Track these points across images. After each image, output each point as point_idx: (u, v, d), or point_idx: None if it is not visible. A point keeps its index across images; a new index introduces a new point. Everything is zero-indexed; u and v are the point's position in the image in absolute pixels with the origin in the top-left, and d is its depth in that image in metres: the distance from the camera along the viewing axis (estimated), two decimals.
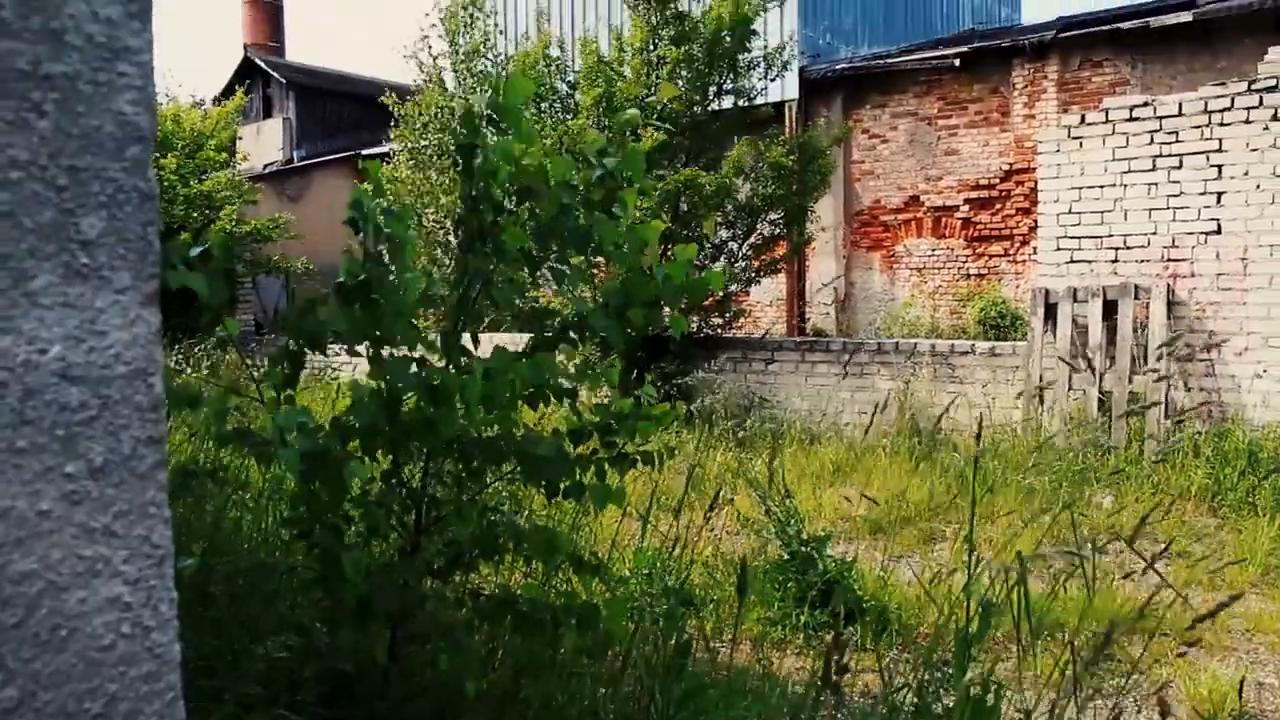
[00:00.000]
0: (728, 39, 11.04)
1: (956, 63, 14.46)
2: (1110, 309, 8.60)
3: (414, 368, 2.14)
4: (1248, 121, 8.16)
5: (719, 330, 11.87)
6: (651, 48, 10.93)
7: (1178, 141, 8.49)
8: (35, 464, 0.85)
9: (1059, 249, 9.11)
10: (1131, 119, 8.73)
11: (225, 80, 26.61)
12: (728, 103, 11.72)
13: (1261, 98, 8.09)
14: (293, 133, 25.47)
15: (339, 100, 26.28)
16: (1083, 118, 9.04)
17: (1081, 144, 8.96)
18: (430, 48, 12.53)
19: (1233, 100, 8.23)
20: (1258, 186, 8.11)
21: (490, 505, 2.46)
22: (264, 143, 25.32)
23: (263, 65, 26.18)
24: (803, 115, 15.53)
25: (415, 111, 12.42)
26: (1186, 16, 12.73)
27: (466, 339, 2.29)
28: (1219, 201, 8.30)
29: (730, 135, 11.61)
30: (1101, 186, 8.88)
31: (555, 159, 2.21)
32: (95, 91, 0.88)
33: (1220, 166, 8.29)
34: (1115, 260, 8.81)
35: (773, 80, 12.17)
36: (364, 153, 22.15)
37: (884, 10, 18.28)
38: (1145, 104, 8.71)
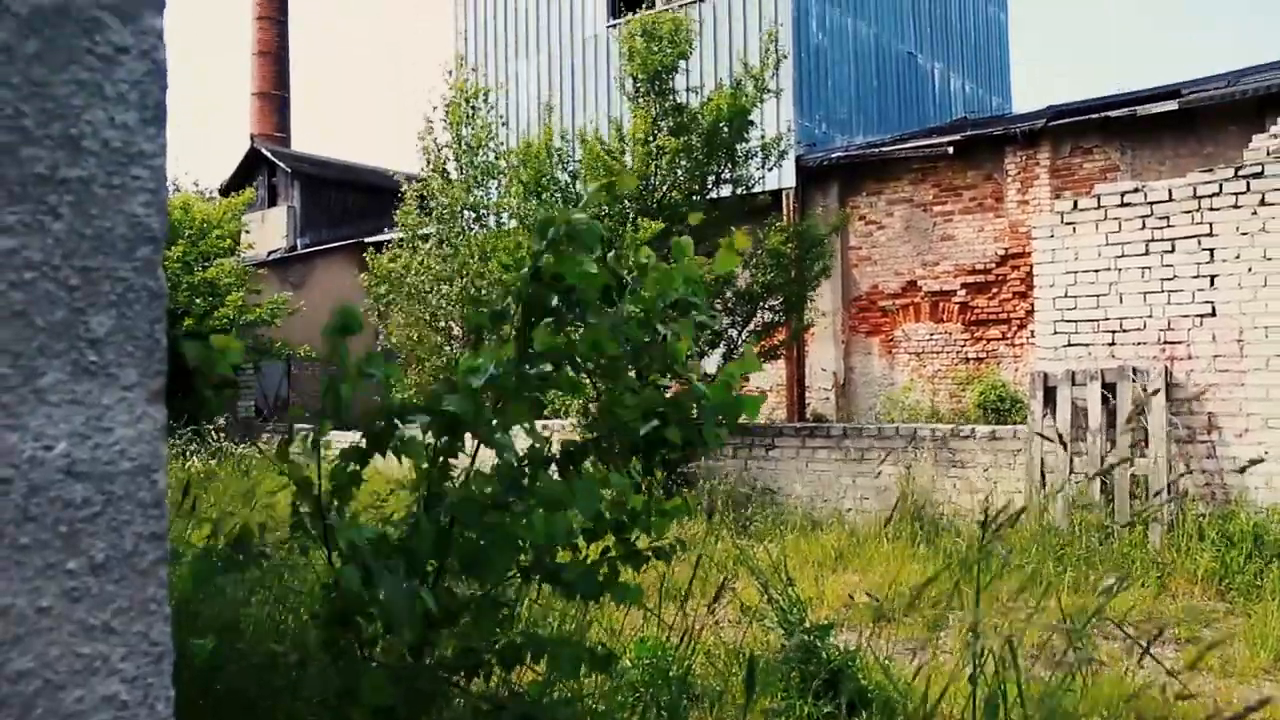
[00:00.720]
0: (725, 130, 11.28)
1: (950, 150, 14.74)
2: (1109, 392, 8.62)
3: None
4: (1236, 206, 8.28)
5: None
6: (652, 138, 11.16)
7: (1169, 226, 8.61)
8: (37, 560, 0.85)
9: (1056, 332, 9.17)
10: (1123, 204, 8.86)
11: (232, 168, 27.10)
12: (726, 191, 11.93)
13: (1248, 183, 8.22)
14: (297, 221, 25.83)
15: (343, 189, 26.71)
16: (1075, 203, 9.18)
17: (1075, 229, 9.08)
18: (435, 139, 12.79)
19: (1221, 186, 8.37)
20: (1250, 270, 8.20)
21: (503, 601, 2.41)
22: (268, 230, 25.66)
23: (269, 155, 26.68)
24: (800, 203, 15.78)
25: (422, 197, 12.65)
26: (1172, 105, 13.03)
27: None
28: (1212, 284, 8.38)
29: (729, 223, 11.78)
30: (1096, 270, 8.97)
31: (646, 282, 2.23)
32: (109, 194, 0.91)
33: (1212, 250, 8.38)
34: (1112, 343, 8.86)
35: (770, 170, 12.40)
36: (367, 240, 22.44)
37: (878, 100, 18.70)
38: (1136, 190, 8.85)
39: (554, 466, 2.22)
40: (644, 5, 15.64)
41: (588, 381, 2.37)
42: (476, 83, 12.71)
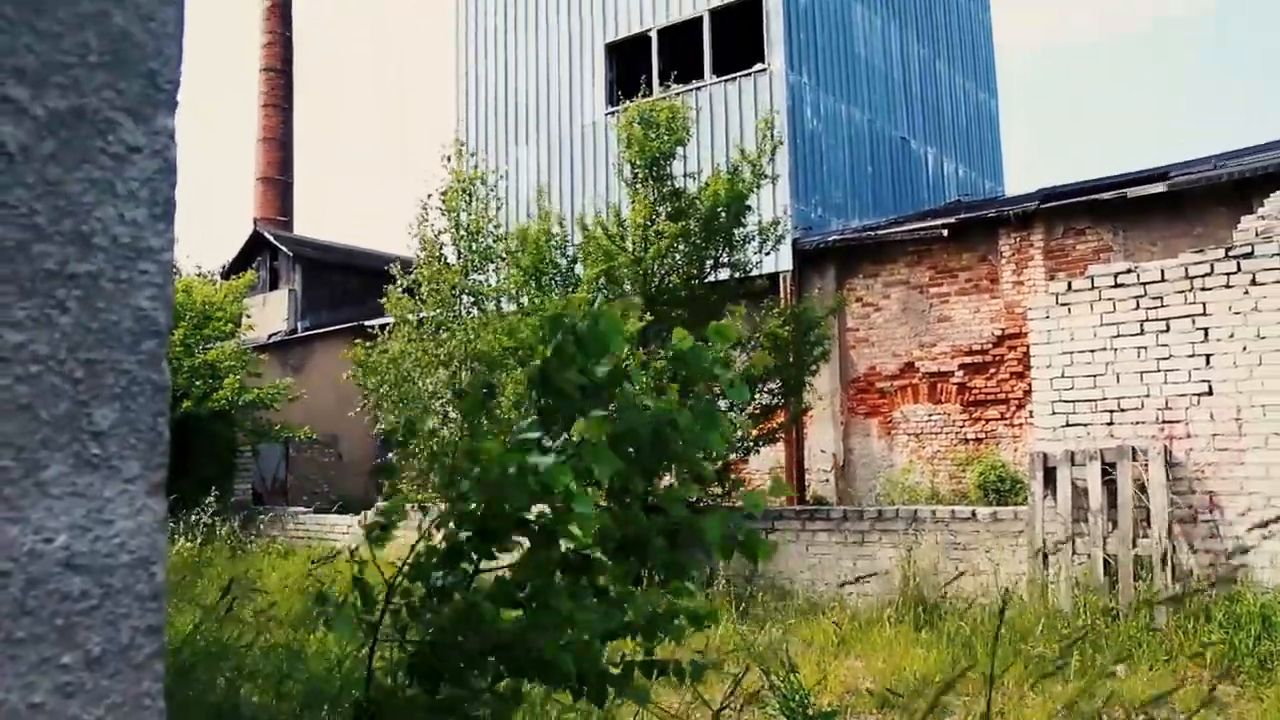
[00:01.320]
0: (723, 215, 11.44)
1: (945, 233, 14.93)
2: (1109, 472, 8.59)
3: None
4: (1228, 286, 8.36)
5: (718, 500, 11.81)
6: (651, 223, 11.31)
7: (1163, 306, 8.67)
8: (32, 655, 0.85)
9: (1054, 413, 9.17)
10: (1117, 285, 8.94)
11: (234, 251, 27.39)
12: (724, 274, 12.04)
13: (1239, 263, 8.31)
14: (298, 304, 26.00)
15: (344, 272, 26.95)
16: (1070, 285, 9.26)
17: (1070, 310, 9.15)
18: (431, 224, 12.95)
19: (1212, 266, 8.46)
20: (1244, 349, 8.24)
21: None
22: (269, 313, 25.82)
23: (271, 239, 26.98)
24: (797, 285, 15.91)
25: (417, 282, 12.74)
26: (1160, 187, 13.25)
27: None
28: (1208, 363, 8.41)
29: (727, 306, 11.89)
30: (1092, 351, 9.01)
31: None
32: (116, 289, 0.92)
33: (1206, 330, 8.44)
34: (1110, 423, 8.86)
35: (767, 254, 12.54)
36: (367, 323, 22.57)
37: (872, 184, 19.00)
38: (1129, 270, 8.94)
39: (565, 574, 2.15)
40: (641, 93, 15.99)
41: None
42: (476, 168, 12.91)
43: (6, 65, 0.88)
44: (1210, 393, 8.38)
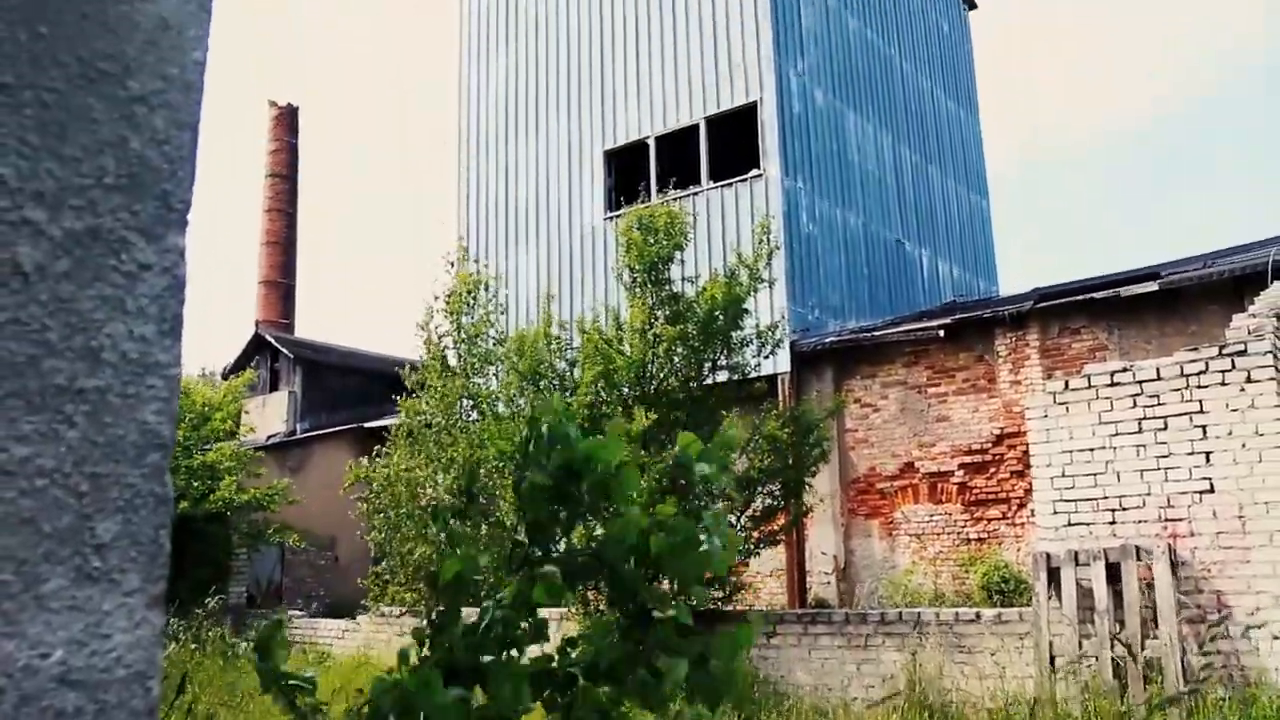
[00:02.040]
0: (721, 318, 11.54)
1: (941, 333, 15.04)
2: (1114, 571, 8.49)
3: None
4: (1224, 384, 8.40)
5: (719, 604, 11.65)
6: (649, 327, 11.40)
7: (1160, 404, 8.70)
8: None
9: (1056, 512, 9.11)
10: (1113, 384, 8.98)
11: (235, 352, 27.55)
12: (722, 377, 12.10)
13: (1233, 361, 8.37)
14: (297, 406, 26.04)
15: (344, 375, 27.05)
16: (1067, 384, 9.30)
17: (1068, 409, 9.17)
18: (435, 327, 13.06)
19: (1207, 364, 8.51)
20: (1243, 445, 8.23)
21: None
22: (268, 414, 25.83)
23: (272, 341, 27.17)
24: (795, 387, 15.96)
25: (421, 385, 12.79)
26: (1153, 286, 13.41)
27: None
28: (1208, 461, 8.39)
29: (725, 409, 11.91)
30: (1091, 449, 9.00)
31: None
32: (123, 403, 0.94)
33: (1204, 427, 8.44)
34: (1113, 521, 8.79)
35: (766, 357, 12.62)
36: (366, 425, 22.57)
37: (868, 286, 19.24)
38: (1125, 369, 8.99)
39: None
40: (640, 198, 16.30)
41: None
42: (478, 273, 13.09)
43: (28, 189, 0.91)
44: (1212, 490, 8.34)
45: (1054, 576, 8.78)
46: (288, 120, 36.80)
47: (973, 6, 26.85)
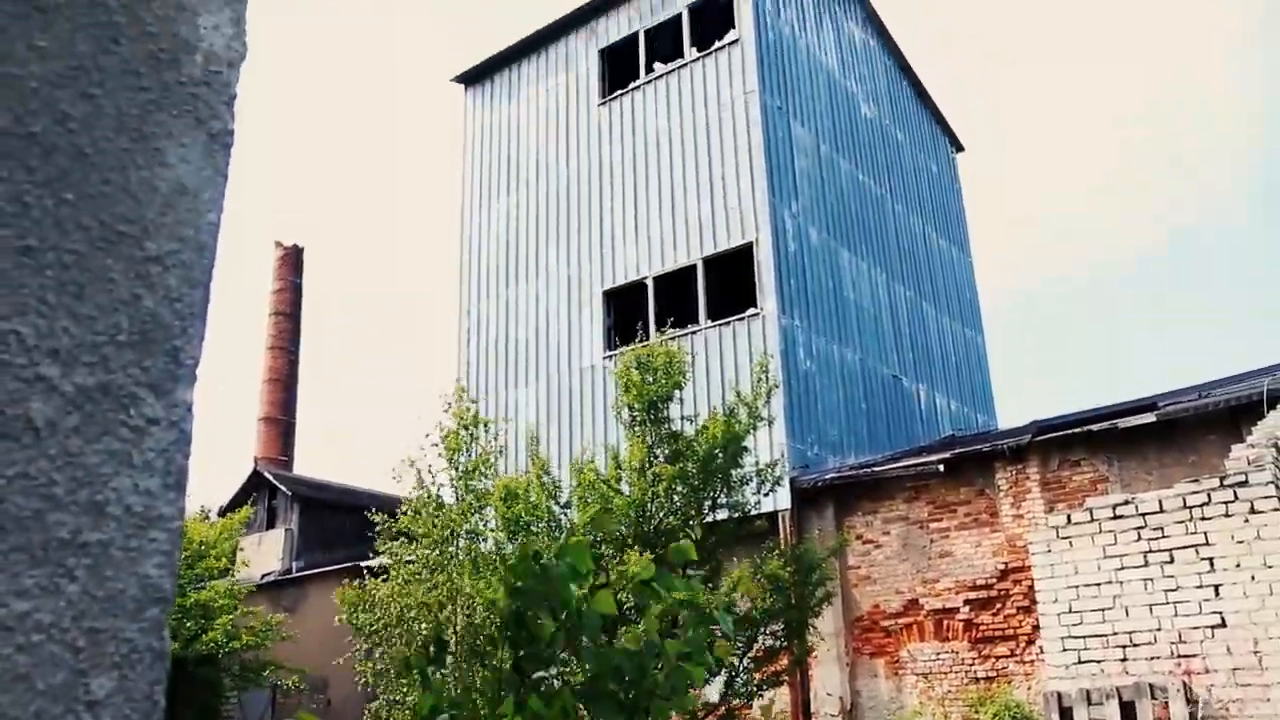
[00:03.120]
0: (720, 456, 11.52)
1: (941, 468, 14.99)
2: (1128, 710, 8.24)
3: None
4: (1228, 515, 8.33)
5: None
6: (648, 465, 11.37)
7: (1164, 536, 8.61)
8: None
9: (1065, 649, 8.91)
10: (1115, 516, 8.91)
11: (233, 488, 27.41)
12: (722, 515, 12.00)
13: (1235, 492, 8.32)
14: (293, 544, 25.74)
15: (341, 513, 26.84)
16: (1069, 517, 9.22)
17: (1071, 543, 9.07)
18: (430, 465, 12.99)
19: (1209, 496, 8.46)
20: (1253, 578, 8.11)
21: None
22: (264, 552, 25.51)
23: (270, 479, 27.04)
24: (796, 524, 15.81)
25: (410, 521, 12.65)
26: (1150, 418, 13.44)
27: None
28: (1217, 594, 8.25)
29: (726, 547, 11.79)
30: (1098, 584, 8.86)
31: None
32: (125, 557, 0.95)
33: (1211, 559, 8.33)
34: (1124, 659, 8.59)
35: (766, 495, 12.54)
36: (363, 564, 22.22)
37: (867, 421, 19.27)
38: (1126, 502, 8.93)
39: None
40: (638, 337, 16.48)
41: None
42: (476, 412, 13.13)
43: (44, 346, 0.94)
44: (1224, 624, 8.18)
45: (1067, 716, 8.52)
46: (293, 260, 37.55)
47: (960, 149, 27.77)
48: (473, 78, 24.34)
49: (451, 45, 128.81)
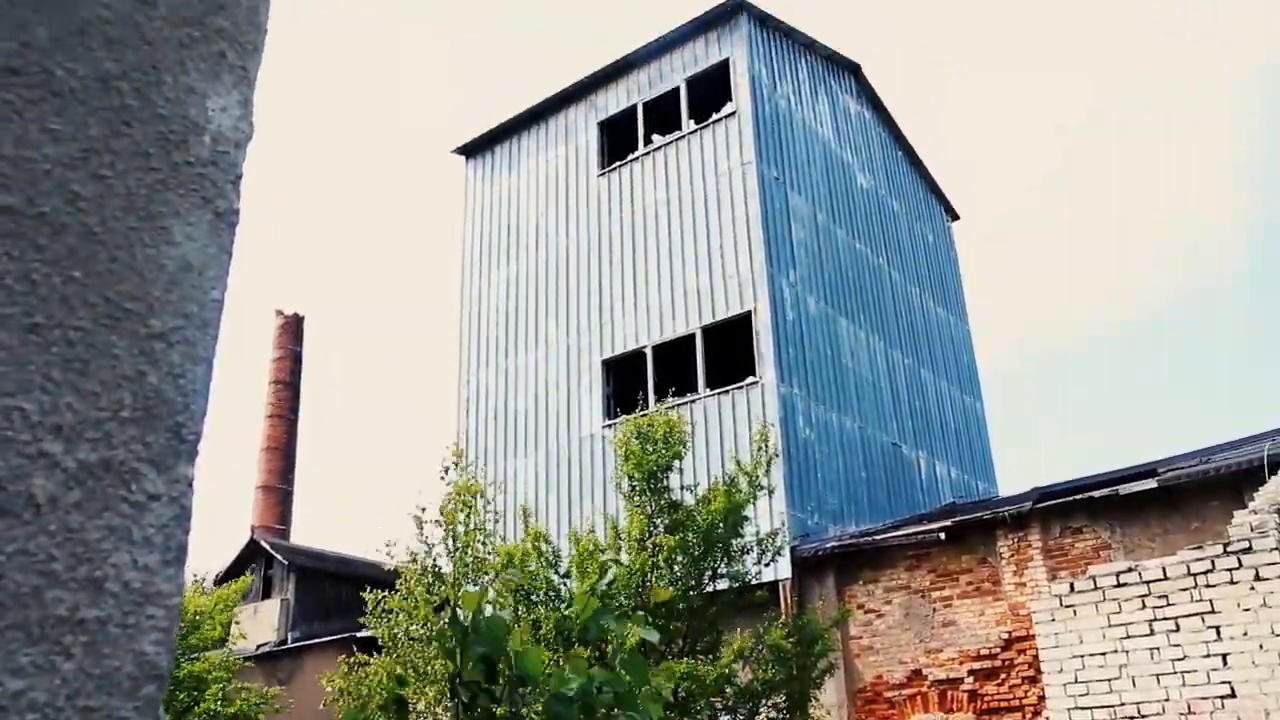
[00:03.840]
0: (721, 526, 11.44)
1: (942, 536, 14.87)
2: None
3: None
4: (1233, 582, 8.25)
5: None
6: (648, 535, 11.29)
7: (1169, 604, 8.51)
8: None
9: None
10: (1119, 585, 8.82)
11: (229, 556, 27.13)
12: (723, 585, 11.87)
13: (1239, 559, 8.25)
14: (289, 614, 25.42)
15: (338, 582, 26.53)
16: (1072, 586, 9.13)
17: (1075, 612, 8.97)
18: (426, 536, 12.87)
19: (1213, 563, 8.39)
20: (1260, 646, 8.00)
21: None
22: (260, 622, 25.17)
23: (267, 548, 26.80)
24: (797, 594, 15.64)
25: (401, 598, 12.51)
26: (1151, 484, 13.37)
27: None
28: (1225, 663, 8.14)
29: (726, 618, 11.65)
30: (1104, 654, 8.74)
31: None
32: (122, 633, 0.95)
33: (1217, 628, 8.23)
34: None
35: (767, 565, 12.43)
36: (358, 635, 21.91)
37: (867, 489, 19.18)
38: (1130, 569, 8.85)
39: None
40: (638, 407, 16.45)
41: None
42: (475, 481, 13.06)
43: (47, 423, 0.95)
44: (1233, 694, 8.05)
45: None
46: (293, 329, 37.68)
47: (955, 218, 28.07)
48: (473, 149, 24.69)
49: (453, 117, 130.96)
